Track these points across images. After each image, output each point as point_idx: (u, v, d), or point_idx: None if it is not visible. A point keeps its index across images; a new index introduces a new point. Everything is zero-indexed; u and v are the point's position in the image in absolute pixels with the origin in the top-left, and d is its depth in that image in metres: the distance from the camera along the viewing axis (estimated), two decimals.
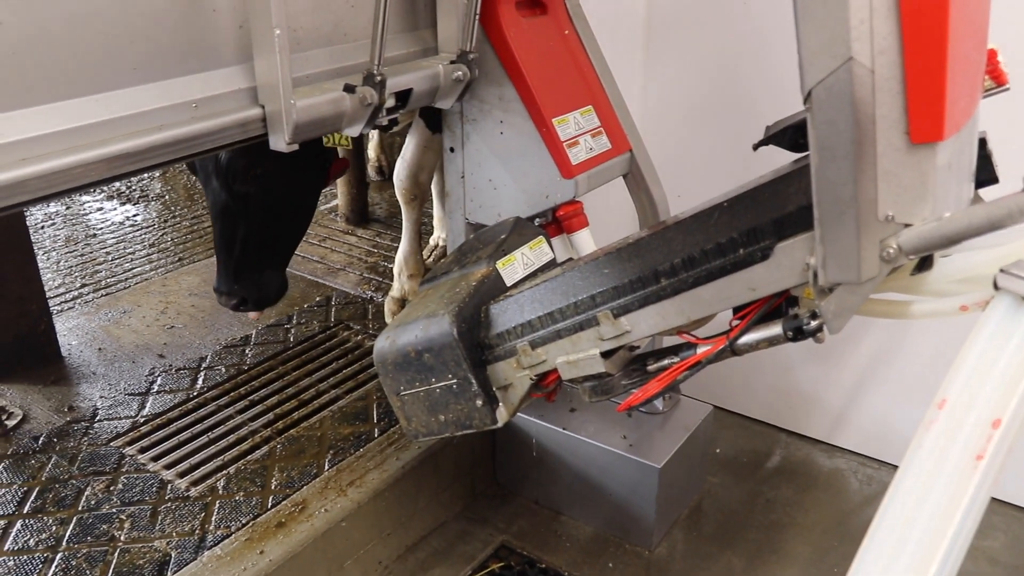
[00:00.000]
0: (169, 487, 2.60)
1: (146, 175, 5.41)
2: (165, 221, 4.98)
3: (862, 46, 1.22)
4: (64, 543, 2.39)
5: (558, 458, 2.84)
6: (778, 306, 1.62)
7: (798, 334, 1.56)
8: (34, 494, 2.57)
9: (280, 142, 1.93)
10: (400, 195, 3.45)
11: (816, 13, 1.24)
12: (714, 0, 2.96)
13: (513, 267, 2.10)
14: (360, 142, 4.56)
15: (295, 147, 1.95)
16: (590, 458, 2.77)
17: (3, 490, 2.58)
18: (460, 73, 2.27)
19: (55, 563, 2.32)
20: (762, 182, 1.62)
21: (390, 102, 2.13)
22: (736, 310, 1.68)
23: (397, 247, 3.61)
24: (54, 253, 4.53)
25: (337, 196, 4.66)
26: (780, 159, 1.80)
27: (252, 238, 2.75)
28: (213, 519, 2.47)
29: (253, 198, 2.69)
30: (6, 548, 2.36)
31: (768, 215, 1.54)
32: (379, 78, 2.00)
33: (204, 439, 2.82)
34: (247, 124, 1.93)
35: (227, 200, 2.69)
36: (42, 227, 4.84)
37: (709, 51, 3.04)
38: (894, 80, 1.24)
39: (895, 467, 3.13)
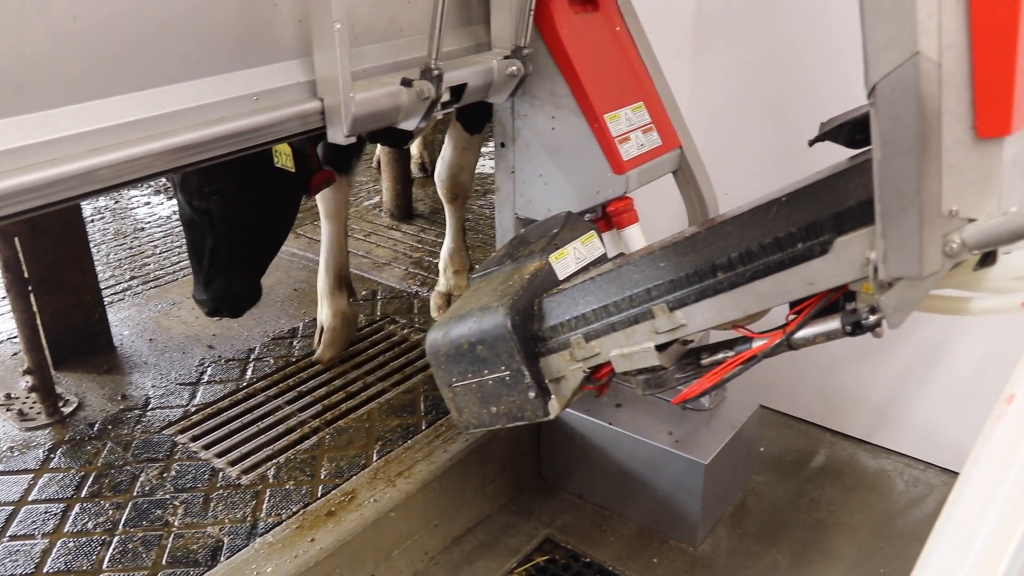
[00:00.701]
0: (221, 475, 2.65)
1: None
2: None
3: (929, 40, 1.22)
4: (120, 527, 2.44)
5: (603, 453, 2.85)
6: (835, 301, 1.62)
7: (857, 328, 1.56)
8: (91, 479, 2.62)
9: (338, 135, 1.96)
10: (442, 194, 3.52)
11: (882, 8, 1.25)
12: None
13: (565, 261, 2.11)
14: None
15: (352, 139, 1.99)
16: (636, 454, 2.78)
17: (61, 474, 2.64)
18: (514, 68, 2.29)
19: (112, 546, 2.37)
20: (820, 177, 1.62)
21: (445, 96, 2.15)
22: (792, 304, 1.68)
23: (441, 243, 3.64)
24: (104, 246, 4.61)
25: (381, 192, 4.70)
26: (831, 156, 1.81)
27: (219, 250, 2.75)
28: (264, 507, 2.51)
29: (215, 213, 2.68)
30: (66, 530, 2.42)
31: (827, 210, 1.54)
32: (436, 72, 2.02)
33: (254, 428, 2.87)
34: (306, 117, 1.96)
35: (191, 213, 2.70)
36: (92, 221, 4.93)
37: (758, 48, 3.03)
38: (961, 75, 1.24)
39: (942, 469, 3.12)
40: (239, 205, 2.69)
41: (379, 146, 5.31)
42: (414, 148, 5.22)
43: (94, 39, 1.61)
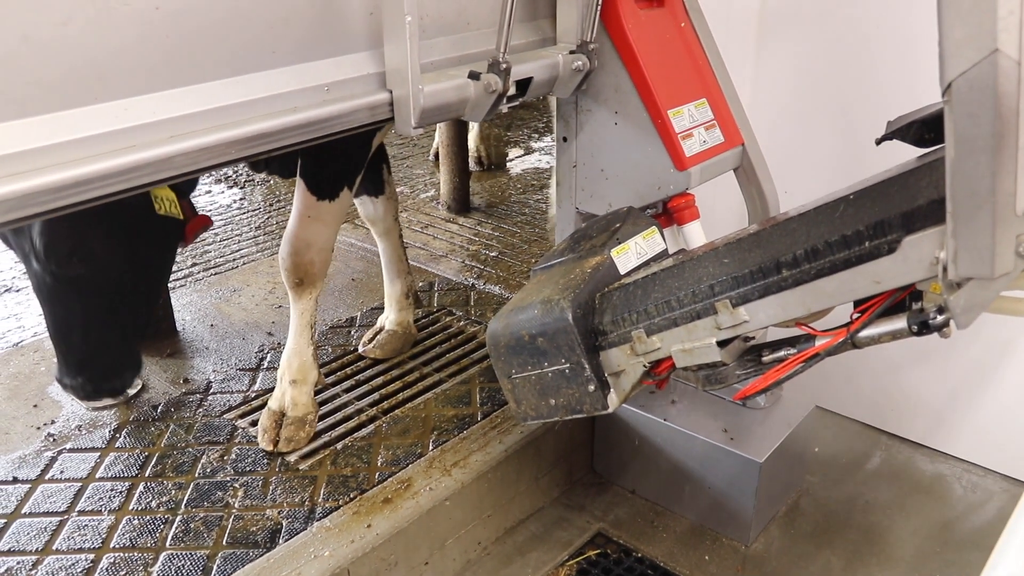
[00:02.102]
0: (279, 459, 2.69)
1: None
2: (270, 205, 5.13)
3: (1009, 37, 1.21)
4: (183, 506, 2.49)
5: (657, 449, 2.86)
6: (902, 300, 1.61)
7: (923, 328, 1.55)
8: (154, 459, 2.69)
9: (407, 126, 1.99)
10: (283, 277, 2.74)
11: (962, 4, 1.24)
12: None
13: (627, 256, 2.12)
14: (463, 132, 4.62)
15: (420, 131, 2.01)
16: (690, 450, 2.78)
17: (126, 454, 2.71)
18: (580, 63, 2.31)
19: (175, 524, 2.43)
20: (889, 176, 1.61)
21: (511, 90, 2.17)
22: (857, 303, 1.68)
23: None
24: None
25: (439, 184, 4.74)
26: (896, 155, 1.79)
27: (93, 322, 2.37)
28: (322, 492, 2.55)
29: (85, 279, 2.31)
30: (131, 508, 2.49)
31: (896, 208, 1.53)
32: (504, 66, 2.05)
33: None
34: (375, 108, 1.99)
35: (54, 284, 2.30)
36: None
37: (822, 45, 3.01)
38: None
39: (1002, 475, 3.07)
40: (115, 265, 2.35)
41: (437, 137, 5.36)
42: (471, 142, 5.26)
43: (174, 29, 1.65)
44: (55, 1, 1.49)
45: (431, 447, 2.74)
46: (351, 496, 2.53)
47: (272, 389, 3.02)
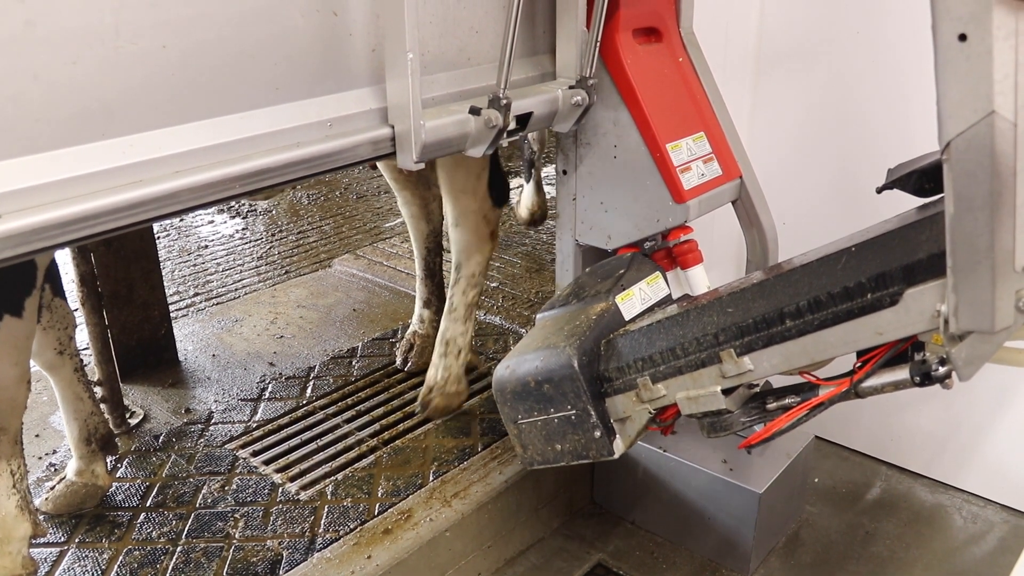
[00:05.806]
0: (280, 490, 2.70)
1: None
2: (272, 235, 5.14)
3: (1005, 100, 1.23)
4: (183, 537, 2.49)
5: (657, 480, 2.86)
6: (904, 351, 1.62)
7: (926, 379, 1.56)
8: (155, 489, 2.69)
9: (408, 161, 2.00)
10: None
11: (958, 67, 1.25)
12: (826, 30, 2.96)
13: (631, 302, 2.13)
14: None
15: (421, 166, 2.02)
16: (689, 481, 2.78)
17: (127, 484, 2.71)
18: (579, 98, 2.32)
19: (175, 555, 2.43)
20: (889, 228, 1.62)
21: (511, 125, 2.18)
22: (860, 352, 1.69)
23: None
24: (169, 263, 4.72)
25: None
26: (891, 193, 1.80)
27: None
28: (322, 522, 2.56)
29: None
30: (132, 538, 2.49)
31: (898, 261, 1.55)
32: (504, 101, 2.05)
33: (313, 446, 2.92)
34: (377, 143, 2.00)
35: None
36: (158, 238, 5.03)
37: (819, 80, 3.02)
38: None
39: (1003, 506, 3.06)
40: None
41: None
42: None
43: (181, 67, 1.66)
44: (66, 41, 1.50)
45: (431, 478, 2.74)
46: (351, 527, 2.54)
47: (275, 419, 3.04)
